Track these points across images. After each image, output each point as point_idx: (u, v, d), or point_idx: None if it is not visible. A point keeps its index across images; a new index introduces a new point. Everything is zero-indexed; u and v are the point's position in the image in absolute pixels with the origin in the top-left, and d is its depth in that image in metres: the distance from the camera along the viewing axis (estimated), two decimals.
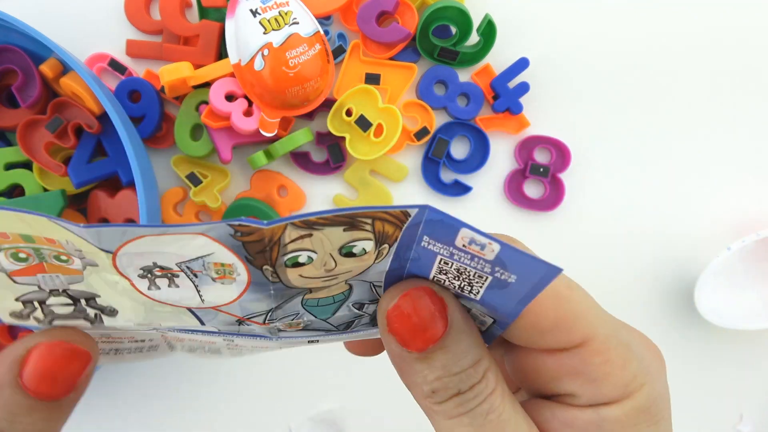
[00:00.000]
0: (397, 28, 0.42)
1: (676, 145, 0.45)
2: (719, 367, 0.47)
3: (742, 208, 0.46)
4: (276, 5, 0.39)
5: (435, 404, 0.17)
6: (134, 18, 0.43)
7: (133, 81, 0.42)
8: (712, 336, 0.47)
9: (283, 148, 0.41)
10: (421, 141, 0.44)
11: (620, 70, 0.45)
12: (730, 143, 0.45)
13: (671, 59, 0.45)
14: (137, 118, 0.42)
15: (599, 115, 0.45)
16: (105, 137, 0.41)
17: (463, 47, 0.43)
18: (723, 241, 0.46)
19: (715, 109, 0.45)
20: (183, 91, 0.41)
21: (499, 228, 0.46)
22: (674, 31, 0.45)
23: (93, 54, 0.43)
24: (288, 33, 0.39)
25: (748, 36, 0.45)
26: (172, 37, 0.43)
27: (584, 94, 0.45)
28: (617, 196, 0.46)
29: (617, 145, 0.45)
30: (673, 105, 0.45)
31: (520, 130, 0.44)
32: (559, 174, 0.45)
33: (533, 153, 0.45)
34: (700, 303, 0.43)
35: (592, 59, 0.45)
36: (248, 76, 0.39)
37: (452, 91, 0.43)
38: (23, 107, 0.40)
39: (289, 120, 0.43)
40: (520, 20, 0.44)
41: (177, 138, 0.42)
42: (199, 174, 0.43)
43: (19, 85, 0.40)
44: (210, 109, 0.40)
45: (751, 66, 0.45)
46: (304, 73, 0.39)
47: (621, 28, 0.45)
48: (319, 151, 0.45)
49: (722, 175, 0.46)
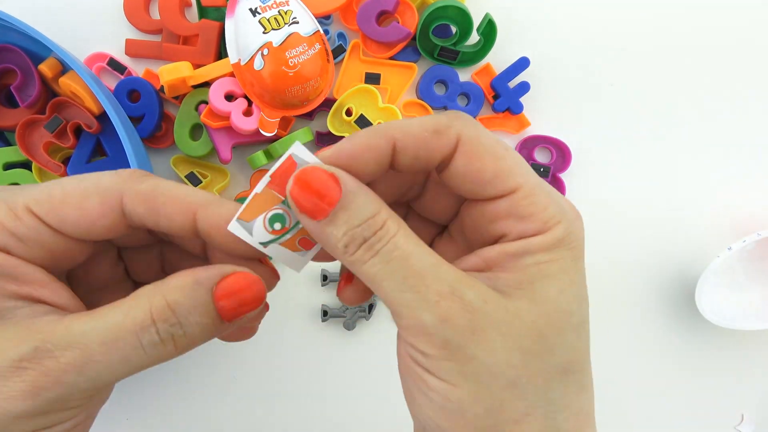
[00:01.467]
0: (397, 27, 0.42)
1: (677, 146, 0.45)
2: (719, 367, 0.47)
3: (742, 208, 0.46)
4: (276, 4, 0.39)
5: (350, 256, 0.20)
6: (133, 18, 0.43)
7: (132, 81, 0.42)
8: (713, 336, 0.47)
9: (283, 148, 0.41)
10: None
11: (621, 69, 0.45)
12: (730, 143, 0.45)
13: (671, 59, 0.45)
14: (137, 117, 0.42)
15: (599, 114, 0.45)
16: (104, 137, 0.41)
17: (464, 47, 0.43)
18: (723, 241, 0.46)
19: (715, 109, 0.45)
20: (182, 90, 0.41)
21: None
22: (675, 31, 0.45)
23: (92, 53, 0.43)
24: (288, 32, 0.39)
25: (748, 37, 0.45)
26: (171, 36, 0.42)
27: (584, 93, 0.45)
28: (617, 196, 0.46)
29: (617, 145, 0.45)
30: (674, 105, 0.45)
31: (521, 130, 0.44)
32: (559, 174, 0.45)
33: (533, 153, 0.45)
34: (700, 303, 0.43)
35: (592, 59, 0.45)
36: (248, 75, 0.39)
37: (452, 90, 0.43)
38: (22, 107, 0.40)
39: (289, 120, 0.43)
40: (520, 20, 0.44)
41: (176, 138, 0.42)
42: (198, 174, 0.43)
43: (18, 84, 0.40)
44: (210, 109, 0.40)
45: (751, 67, 0.45)
46: (304, 72, 0.39)
47: (621, 28, 0.45)
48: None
49: (723, 175, 0.46)
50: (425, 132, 0.21)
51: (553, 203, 0.21)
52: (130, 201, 0.21)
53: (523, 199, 0.21)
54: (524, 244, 0.21)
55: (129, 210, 0.21)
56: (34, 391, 0.18)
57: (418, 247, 0.20)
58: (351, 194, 0.20)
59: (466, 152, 0.21)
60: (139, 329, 0.19)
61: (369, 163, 0.21)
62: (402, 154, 0.21)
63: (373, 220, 0.20)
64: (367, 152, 0.21)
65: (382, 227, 0.20)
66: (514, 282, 0.20)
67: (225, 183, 0.43)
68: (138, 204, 0.21)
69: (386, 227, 0.20)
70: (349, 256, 0.20)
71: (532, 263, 0.21)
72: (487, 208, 0.22)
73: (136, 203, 0.21)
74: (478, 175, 0.21)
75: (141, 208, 0.21)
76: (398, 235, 0.20)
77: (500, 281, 0.21)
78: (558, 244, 0.21)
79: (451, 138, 0.21)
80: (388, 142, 0.21)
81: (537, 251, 0.21)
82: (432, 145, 0.21)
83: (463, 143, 0.21)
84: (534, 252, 0.21)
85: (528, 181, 0.21)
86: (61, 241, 0.21)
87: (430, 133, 0.21)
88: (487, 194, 0.21)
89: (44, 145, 0.40)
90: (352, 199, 0.20)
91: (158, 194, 0.21)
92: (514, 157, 0.21)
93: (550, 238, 0.21)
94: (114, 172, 0.21)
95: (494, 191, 0.21)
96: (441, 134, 0.21)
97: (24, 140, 0.40)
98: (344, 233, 0.20)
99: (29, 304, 0.20)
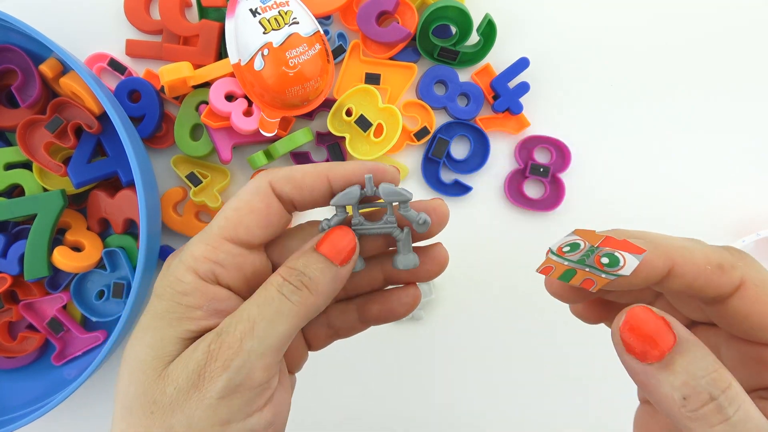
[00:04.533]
0: (397, 27, 0.42)
1: (676, 146, 0.45)
2: None
3: (742, 208, 0.46)
4: (276, 5, 0.39)
5: (689, 411, 0.19)
6: (134, 18, 0.43)
7: (132, 81, 0.42)
8: None
9: (283, 148, 0.41)
10: (421, 141, 0.44)
11: (621, 69, 0.45)
12: (730, 143, 0.45)
13: (671, 60, 0.45)
14: (137, 118, 0.42)
15: (599, 115, 0.45)
16: (105, 137, 0.41)
17: (463, 47, 0.43)
18: (723, 241, 0.46)
19: (715, 109, 0.45)
20: (183, 91, 0.41)
21: (499, 228, 0.46)
22: (675, 31, 0.45)
23: (93, 54, 0.43)
24: (288, 33, 0.39)
25: (748, 37, 0.45)
26: (171, 37, 0.42)
27: (584, 94, 0.45)
28: (617, 196, 0.46)
29: (617, 145, 0.45)
30: (674, 105, 0.45)
31: (520, 130, 0.44)
32: (559, 174, 0.45)
33: (533, 153, 0.45)
34: None
35: (592, 59, 0.45)
36: (248, 75, 0.39)
37: (452, 91, 0.43)
38: (23, 107, 0.40)
39: (289, 120, 0.43)
40: (520, 20, 0.44)
41: (177, 138, 0.42)
42: (198, 174, 0.43)
43: (18, 85, 0.40)
44: (210, 109, 0.40)
45: (751, 66, 0.45)
46: (304, 72, 0.39)
47: (621, 28, 0.45)
48: (319, 151, 0.45)
49: (722, 175, 0.46)
50: (709, 264, 0.21)
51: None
52: (278, 185, 0.25)
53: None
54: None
55: (280, 192, 0.25)
56: (225, 364, 0.22)
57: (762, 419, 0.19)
58: (686, 342, 0.19)
59: (750, 296, 0.20)
60: (278, 285, 0.23)
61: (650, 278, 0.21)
62: (678, 278, 0.21)
63: (717, 374, 0.19)
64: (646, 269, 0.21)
65: (729, 387, 0.19)
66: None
67: (225, 183, 0.43)
68: (284, 185, 0.25)
69: (733, 388, 0.19)
70: (688, 411, 0.19)
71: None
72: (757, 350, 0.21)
73: (283, 184, 0.25)
74: (759, 319, 0.20)
75: (287, 187, 0.25)
76: (747, 402, 0.19)
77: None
78: None
79: (734, 278, 0.21)
80: (666, 263, 0.21)
81: None
82: (713, 281, 0.21)
83: (748, 286, 0.21)
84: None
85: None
86: (250, 260, 0.25)
87: (713, 267, 0.21)
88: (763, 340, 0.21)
89: (45, 145, 0.40)
90: (688, 347, 0.19)
91: (295, 173, 0.25)
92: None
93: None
94: (253, 177, 0.26)
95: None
96: (724, 271, 0.21)
97: (25, 140, 0.40)
98: (683, 383, 0.19)
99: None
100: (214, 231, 0.24)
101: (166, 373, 0.22)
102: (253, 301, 0.23)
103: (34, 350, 0.43)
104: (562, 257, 0.22)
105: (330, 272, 0.24)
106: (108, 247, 0.41)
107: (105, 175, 0.40)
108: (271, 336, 0.22)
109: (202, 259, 0.24)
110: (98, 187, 0.42)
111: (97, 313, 0.43)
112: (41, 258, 0.39)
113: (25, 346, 0.43)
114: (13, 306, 0.42)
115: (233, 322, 0.23)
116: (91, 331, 0.43)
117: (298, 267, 0.24)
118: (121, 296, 0.41)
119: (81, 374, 0.37)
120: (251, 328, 0.22)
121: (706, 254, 0.21)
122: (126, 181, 0.41)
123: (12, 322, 0.43)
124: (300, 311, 0.23)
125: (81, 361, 0.43)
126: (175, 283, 0.24)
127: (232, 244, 0.24)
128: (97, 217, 0.42)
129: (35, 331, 0.43)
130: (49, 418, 0.44)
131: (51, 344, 0.43)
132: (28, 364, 0.43)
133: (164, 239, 0.45)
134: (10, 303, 0.42)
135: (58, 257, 0.39)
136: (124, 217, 0.42)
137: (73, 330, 0.42)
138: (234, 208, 0.25)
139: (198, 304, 0.23)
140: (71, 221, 0.42)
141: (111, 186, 0.43)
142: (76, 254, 0.40)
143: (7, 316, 0.42)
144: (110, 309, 0.43)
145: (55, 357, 0.42)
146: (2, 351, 0.43)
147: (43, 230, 0.39)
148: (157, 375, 0.22)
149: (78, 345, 0.43)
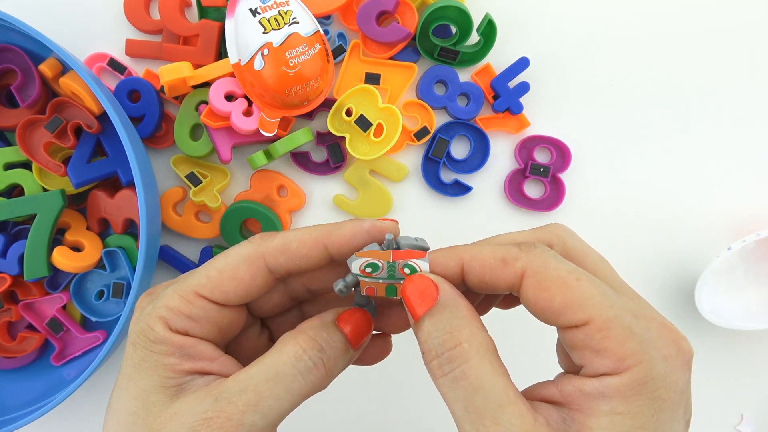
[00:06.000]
0: (397, 27, 0.42)
1: (676, 146, 0.45)
2: (719, 367, 0.47)
3: (742, 208, 0.46)
4: (276, 5, 0.39)
5: (427, 363, 0.22)
6: (134, 18, 0.43)
7: (132, 81, 0.42)
8: (712, 336, 0.47)
9: (283, 147, 0.41)
10: (421, 141, 0.44)
11: (620, 69, 0.45)
12: (730, 143, 0.45)
13: (671, 60, 0.45)
14: (137, 117, 0.42)
15: (599, 114, 0.45)
16: (104, 137, 0.41)
17: (463, 47, 0.43)
18: (723, 241, 0.46)
19: (715, 108, 0.45)
20: (183, 90, 0.41)
21: (499, 228, 0.45)
22: (675, 31, 0.45)
23: (92, 54, 0.43)
24: (288, 32, 0.39)
25: (748, 37, 0.45)
26: (171, 36, 0.42)
27: (585, 94, 0.45)
28: (617, 196, 0.46)
29: (617, 144, 0.45)
30: (674, 105, 0.45)
31: (520, 130, 0.44)
32: (559, 174, 0.45)
33: (533, 153, 0.45)
34: (700, 303, 0.43)
35: (592, 59, 0.45)
36: (248, 75, 0.39)
37: (452, 90, 0.43)
38: (22, 107, 0.40)
39: (289, 120, 0.43)
40: (520, 20, 0.44)
41: (177, 138, 0.42)
42: (198, 174, 0.43)
43: (18, 84, 0.40)
44: (210, 109, 0.40)
45: (751, 66, 0.45)
46: (304, 72, 0.39)
47: (621, 28, 0.45)
48: (319, 151, 0.45)
49: (722, 175, 0.46)
50: (493, 260, 0.23)
51: (633, 338, 0.20)
52: (271, 257, 0.24)
53: (596, 332, 0.20)
54: (600, 386, 0.20)
55: (272, 265, 0.24)
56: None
57: (492, 380, 0.20)
58: (441, 305, 0.22)
59: (532, 284, 0.22)
60: (294, 359, 0.23)
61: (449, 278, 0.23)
62: (471, 275, 0.23)
63: (450, 335, 0.21)
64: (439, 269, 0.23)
65: (455, 347, 0.21)
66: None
67: (225, 183, 0.43)
68: (278, 257, 0.24)
69: (460, 349, 0.21)
70: (426, 363, 0.22)
71: (606, 411, 0.20)
72: (566, 335, 0.22)
73: (277, 256, 0.24)
74: (546, 305, 0.22)
75: (281, 258, 0.24)
76: (471, 362, 0.21)
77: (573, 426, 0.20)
78: (637, 390, 0.20)
79: (517, 269, 0.22)
80: (457, 263, 0.23)
81: (613, 396, 0.20)
82: (497, 273, 0.23)
83: (529, 275, 0.22)
84: (610, 396, 0.20)
85: (602, 314, 0.20)
86: (225, 315, 0.25)
87: (497, 261, 0.22)
88: (560, 324, 0.22)
89: (44, 145, 0.40)
90: (439, 310, 0.22)
91: (289, 243, 0.24)
92: (588, 288, 0.21)
93: (627, 380, 0.20)
94: (247, 241, 0.25)
95: (566, 322, 0.21)
96: (507, 264, 0.22)
97: (24, 140, 0.40)
98: (423, 341, 0.22)
99: (202, 376, 0.23)
100: (191, 285, 0.24)
101: (157, 429, 0.22)
102: (262, 371, 0.23)
103: (33, 350, 0.43)
104: (371, 277, 0.24)
105: (347, 356, 0.24)
106: (108, 247, 0.41)
107: (105, 175, 0.40)
108: (275, 413, 0.22)
109: (175, 310, 0.24)
110: (98, 187, 0.42)
111: (97, 313, 0.42)
112: (41, 258, 0.39)
113: (25, 346, 0.43)
114: (12, 306, 0.42)
115: (236, 390, 0.22)
116: (90, 331, 0.43)
117: (320, 341, 0.23)
118: (120, 296, 0.41)
119: (81, 374, 0.37)
120: (256, 403, 0.22)
121: (493, 251, 0.23)
122: (126, 181, 0.41)
123: (12, 322, 0.43)
124: (309, 391, 0.23)
125: (81, 361, 0.43)
126: (147, 331, 0.23)
127: (207, 302, 0.24)
128: (97, 217, 0.42)
129: (35, 331, 0.43)
130: (49, 418, 0.44)
131: (51, 344, 0.43)
132: (27, 364, 0.43)
133: (164, 239, 0.45)
134: (10, 303, 0.42)
135: (57, 257, 0.39)
136: (124, 217, 0.42)
137: (73, 330, 0.42)
138: (219, 269, 0.24)
139: (170, 352, 0.23)
140: (71, 221, 0.42)
141: (111, 186, 0.43)
142: (75, 254, 0.40)
143: (6, 316, 0.42)
144: (110, 309, 0.43)
145: (55, 357, 0.42)
146: (2, 351, 0.42)
147: (43, 230, 0.39)
148: (148, 428, 0.22)
149: (78, 345, 0.43)
